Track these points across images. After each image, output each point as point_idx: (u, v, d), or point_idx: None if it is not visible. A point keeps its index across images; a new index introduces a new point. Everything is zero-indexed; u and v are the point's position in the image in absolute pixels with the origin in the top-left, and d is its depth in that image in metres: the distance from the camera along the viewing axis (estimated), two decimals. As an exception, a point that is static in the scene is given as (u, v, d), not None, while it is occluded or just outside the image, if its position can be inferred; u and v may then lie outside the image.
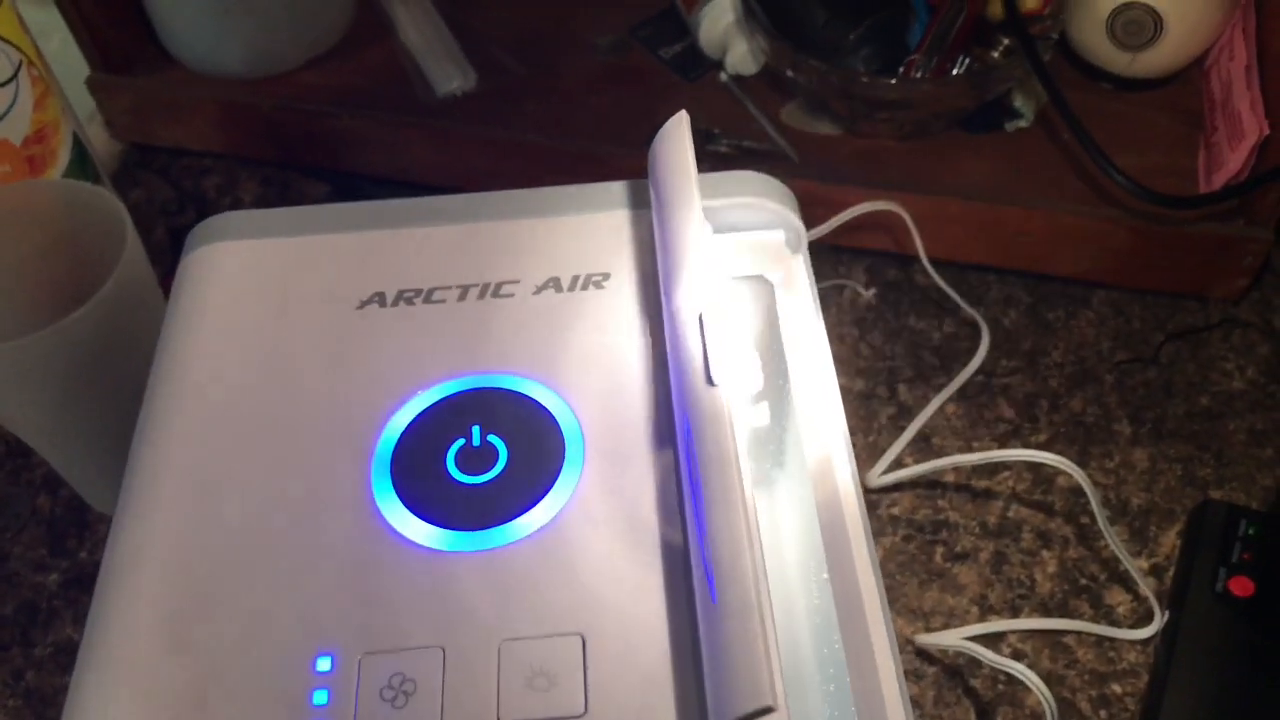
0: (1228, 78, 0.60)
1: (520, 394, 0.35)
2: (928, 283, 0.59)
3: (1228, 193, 0.56)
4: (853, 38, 0.59)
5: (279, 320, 0.38)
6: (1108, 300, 0.60)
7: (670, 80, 0.65)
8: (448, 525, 0.32)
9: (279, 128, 0.65)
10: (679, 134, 0.38)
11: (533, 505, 0.33)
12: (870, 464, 0.52)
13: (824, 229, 0.51)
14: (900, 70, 0.59)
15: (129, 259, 0.43)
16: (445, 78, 0.64)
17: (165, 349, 0.37)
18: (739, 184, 0.40)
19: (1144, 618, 0.48)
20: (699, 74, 0.65)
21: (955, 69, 0.59)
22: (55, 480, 0.53)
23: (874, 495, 0.52)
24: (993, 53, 0.58)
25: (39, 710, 0.47)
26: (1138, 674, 0.47)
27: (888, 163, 0.60)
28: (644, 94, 0.64)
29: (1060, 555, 0.50)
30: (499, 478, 0.33)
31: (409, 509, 0.33)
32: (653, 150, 0.39)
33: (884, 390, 0.56)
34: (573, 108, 0.64)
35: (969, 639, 0.45)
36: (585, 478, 0.33)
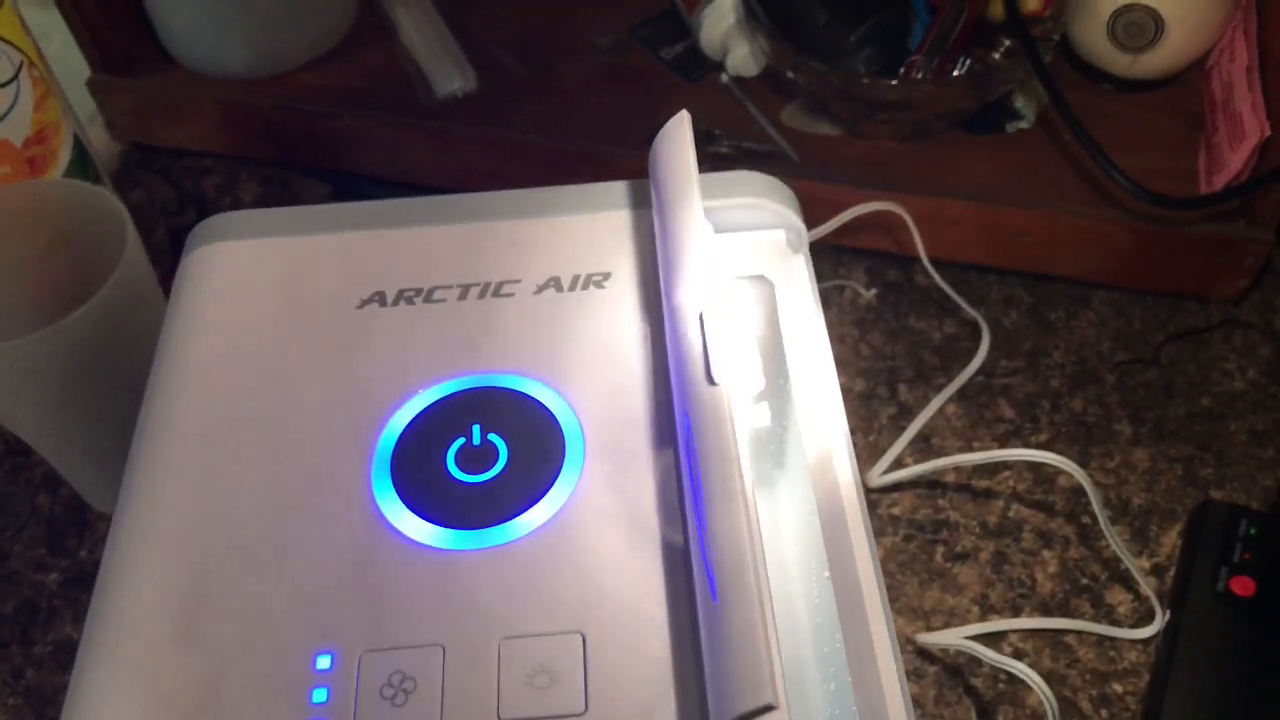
0: (1228, 79, 0.60)
1: (521, 393, 0.35)
2: (928, 283, 0.59)
3: (1229, 194, 0.56)
4: (854, 39, 0.59)
5: (279, 320, 0.38)
6: (1108, 301, 0.60)
7: (671, 81, 0.65)
8: (448, 524, 0.32)
9: (279, 128, 0.65)
10: (680, 133, 0.38)
11: (533, 504, 0.33)
12: (871, 464, 0.52)
13: (825, 229, 0.51)
14: (901, 71, 0.59)
15: (129, 259, 0.43)
16: (446, 78, 0.64)
17: (165, 348, 0.37)
18: (740, 184, 0.40)
19: (1145, 617, 0.48)
20: (700, 75, 0.65)
21: (956, 70, 0.59)
22: (55, 479, 0.53)
23: (875, 495, 0.52)
24: (994, 54, 0.58)
25: (39, 709, 0.47)
26: (1139, 673, 0.47)
27: (889, 164, 0.60)
28: (644, 95, 0.64)
29: (1061, 555, 0.50)
30: (499, 476, 0.33)
31: (409, 508, 0.33)
32: (654, 150, 0.39)
33: (884, 390, 0.56)
34: (573, 108, 0.64)
35: (970, 638, 0.45)
36: (585, 476, 0.33)
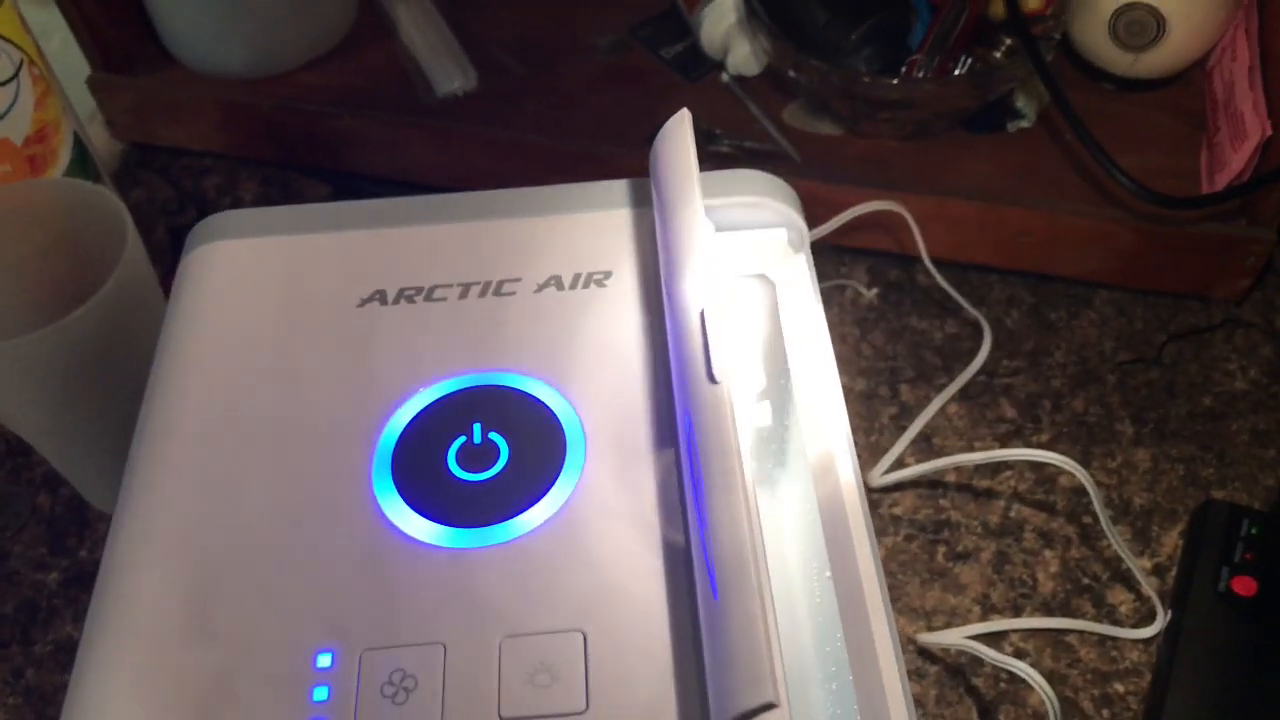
0: (1230, 78, 0.60)
1: (521, 391, 0.35)
2: (930, 283, 0.59)
3: (1230, 193, 0.56)
4: (855, 38, 0.59)
5: (280, 318, 0.38)
6: (1110, 300, 0.60)
7: (671, 80, 0.65)
8: (449, 522, 0.32)
9: (280, 128, 0.65)
10: (681, 132, 0.38)
11: (534, 502, 0.33)
12: (872, 464, 0.52)
13: (826, 228, 0.51)
14: (902, 70, 0.59)
15: (129, 258, 0.43)
16: (446, 78, 0.64)
17: (166, 347, 0.37)
18: (741, 182, 0.40)
19: (1146, 617, 0.48)
20: (700, 74, 0.65)
21: (957, 69, 0.59)
22: (55, 479, 0.53)
23: (876, 495, 0.52)
24: (995, 53, 0.58)
25: (39, 708, 0.47)
26: (1140, 673, 0.47)
27: (890, 163, 0.60)
28: (645, 94, 0.64)
29: (1062, 555, 0.50)
30: (500, 475, 0.33)
31: (410, 506, 0.33)
32: (655, 148, 0.38)
33: (886, 390, 0.56)
34: (573, 108, 0.63)
35: (971, 638, 0.45)
36: (586, 475, 0.33)
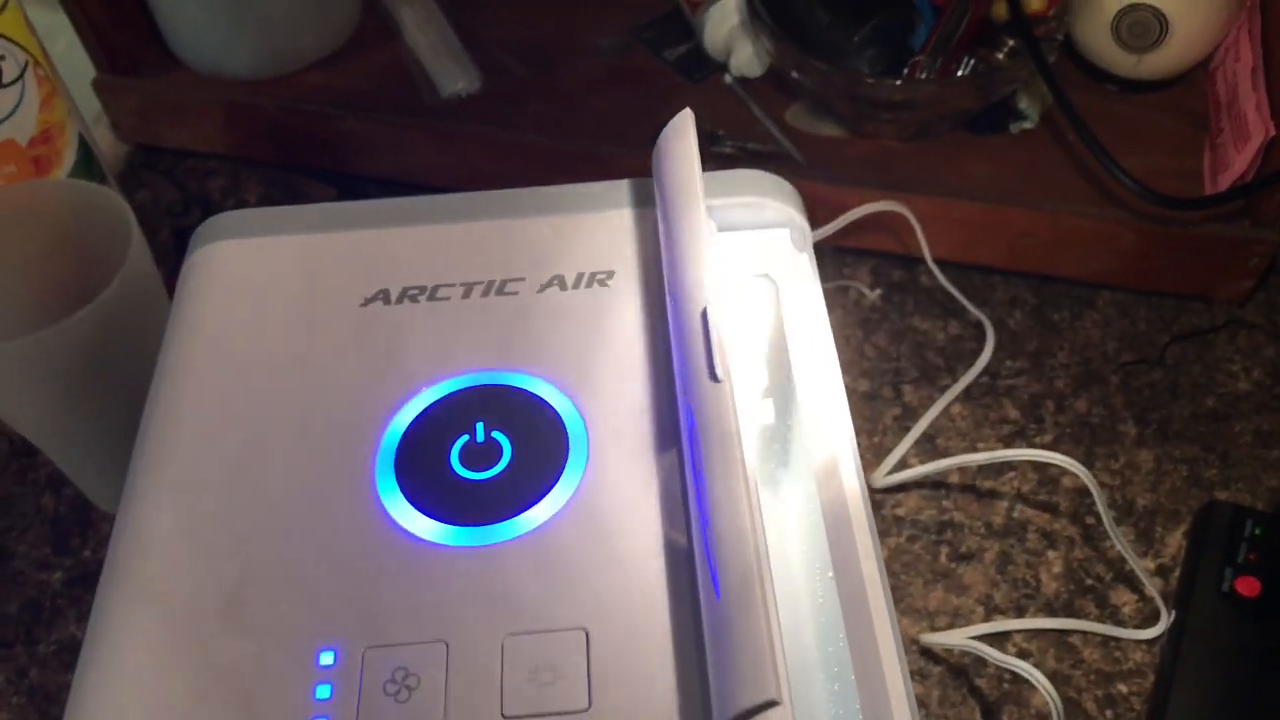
0: (1233, 79, 0.60)
1: (524, 391, 0.35)
2: (933, 284, 0.59)
3: (1233, 194, 0.56)
4: (857, 39, 0.59)
5: (283, 318, 0.38)
6: (1113, 301, 0.60)
7: (674, 82, 0.65)
8: (452, 521, 0.32)
9: (284, 129, 0.65)
10: (684, 131, 0.38)
11: (536, 501, 0.33)
12: (875, 464, 0.52)
13: (829, 229, 0.51)
14: (905, 71, 0.59)
15: (134, 259, 0.43)
16: (450, 79, 0.64)
17: (169, 348, 0.38)
18: (744, 182, 0.40)
19: (1150, 618, 0.48)
20: (703, 75, 0.65)
21: (960, 70, 0.59)
22: (60, 479, 0.53)
23: (879, 495, 0.52)
24: (997, 54, 0.58)
25: (42, 708, 0.47)
26: (1144, 674, 0.47)
27: (892, 164, 0.60)
28: (647, 95, 0.64)
29: (1066, 555, 0.50)
30: (503, 474, 0.33)
31: (413, 505, 0.33)
32: (657, 148, 0.39)
33: (889, 391, 0.56)
34: (576, 109, 0.64)
35: (974, 638, 0.45)
36: (589, 474, 0.33)
